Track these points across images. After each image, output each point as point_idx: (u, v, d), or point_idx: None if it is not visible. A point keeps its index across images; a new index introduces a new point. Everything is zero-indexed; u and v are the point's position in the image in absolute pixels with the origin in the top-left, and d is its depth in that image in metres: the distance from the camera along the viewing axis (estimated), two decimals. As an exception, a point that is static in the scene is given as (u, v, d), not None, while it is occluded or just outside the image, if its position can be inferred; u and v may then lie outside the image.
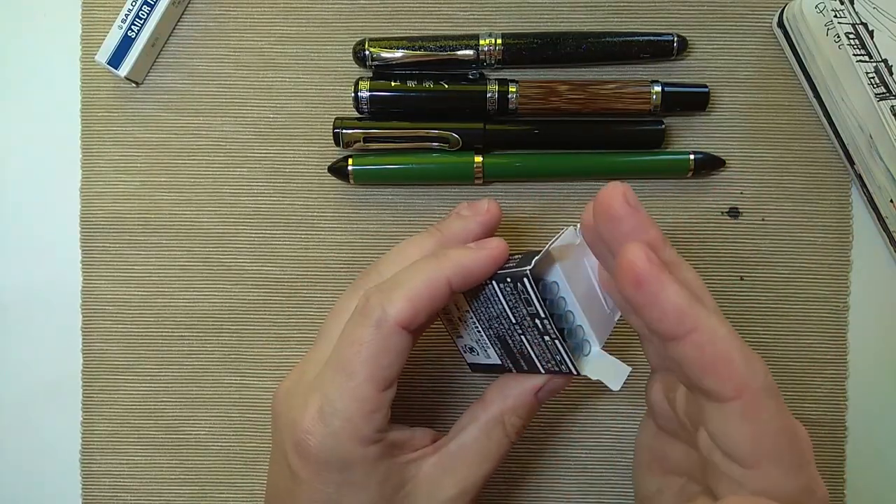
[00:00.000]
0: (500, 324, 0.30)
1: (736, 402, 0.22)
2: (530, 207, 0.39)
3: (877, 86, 0.35)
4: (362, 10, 0.39)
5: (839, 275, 0.38)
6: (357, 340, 0.28)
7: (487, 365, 0.32)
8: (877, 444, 0.38)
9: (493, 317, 0.30)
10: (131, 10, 0.38)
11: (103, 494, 0.39)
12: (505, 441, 0.31)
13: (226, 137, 0.39)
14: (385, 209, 0.39)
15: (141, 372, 0.39)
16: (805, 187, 0.38)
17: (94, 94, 0.40)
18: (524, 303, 0.28)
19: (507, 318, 0.30)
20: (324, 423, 0.28)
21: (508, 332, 0.30)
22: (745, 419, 0.23)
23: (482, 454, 0.31)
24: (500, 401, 0.31)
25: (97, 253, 0.39)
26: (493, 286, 0.29)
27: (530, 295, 0.28)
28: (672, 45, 0.37)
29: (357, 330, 0.29)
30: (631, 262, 0.23)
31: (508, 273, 0.28)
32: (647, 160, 0.38)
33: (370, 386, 0.28)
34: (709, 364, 0.23)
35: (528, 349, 0.30)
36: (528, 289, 0.28)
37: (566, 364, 0.29)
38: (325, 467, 0.28)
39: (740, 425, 0.23)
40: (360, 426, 0.28)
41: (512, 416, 0.31)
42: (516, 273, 0.28)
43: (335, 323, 0.31)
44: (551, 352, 0.29)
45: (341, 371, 0.29)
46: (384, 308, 0.28)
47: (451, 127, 0.37)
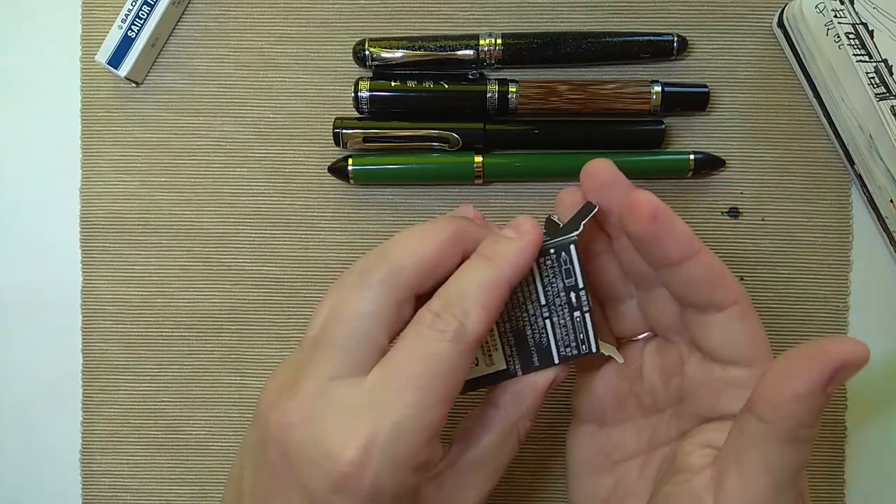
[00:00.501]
0: (523, 311, 0.29)
1: (735, 307, 0.27)
2: (530, 207, 0.39)
3: (877, 86, 0.35)
4: (362, 10, 0.39)
5: (839, 275, 0.38)
6: (433, 356, 0.25)
7: (484, 377, 0.30)
8: (877, 445, 0.38)
9: (518, 304, 0.29)
10: (131, 10, 0.38)
11: (103, 494, 0.39)
12: (516, 447, 0.30)
13: (226, 137, 0.39)
14: (385, 209, 0.39)
15: (141, 372, 0.39)
16: (805, 187, 0.38)
17: (94, 94, 0.40)
18: (563, 275, 0.28)
19: (536, 300, 0.29)
20: (381, 452, 0.24)
21: (531, 320, 0.29)
22: (743, 320, 0.27)
23: (497, 465, 0.29)
24: (514, 405, 0.29)
25: (97, 253, 0.39)
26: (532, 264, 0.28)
27: (573, 264, 0.28)
28: (672, 45, 0.37)
29: (432, 345, 0.25)
30: (647, 199, 0.26)
31: (551, 244, 0.28)
32: (647, 160, 0.38)
33: (441, 408, 0.25)
34: (717, 277, 0.26)
35: (549, 335, 0.29)
36: (572, 258, 0.28)
37: (587, 342, 0.29)
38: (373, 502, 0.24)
39: (741, 326, 0.27)
40: (420, 453, 0.25)
41: (525, 421, 0.29)
42: (562, 242, 0.28)
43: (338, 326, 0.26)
44: (577, 330, 0.29)
45: (411, 390, 0.25)
46: (462, 321, 0.26)
47: (451, 127, 0.37)
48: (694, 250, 0.26)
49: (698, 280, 0.27)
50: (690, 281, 0.27)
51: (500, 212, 0.39)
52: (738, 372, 0.27)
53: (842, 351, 0.25)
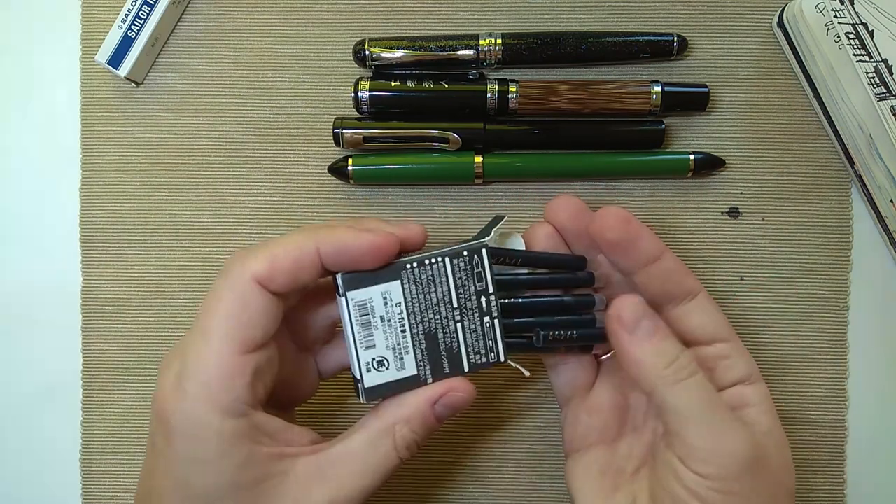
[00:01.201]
0: (436, 313, 0.30)
1: (702, 293, 0.32)
2: (530, 207, 0.39)
3: (877, 86, 0.35)
4: (362, 10, 0.39)
5: (839, 275, 0.38)
6: (214, 297, 0.27)
7: (393, 383, 0.30)
8: (877, 444, 0.38)
9: (431, 305, 0.30)
10: (131, 10, 0.38)
11: (103, 494, 0.39)
12: (392, 455, 0.29)
13: (226, 137, 0.39)
14: (385, 209, 0.39)
15: (141, 372, 0.39)
16: (805, 187, 0.38)
17: (94, 94, 0.40)
18: (475, 278, 0.30)
19: (449, 302, 0.30)
20: (180, 388, 0.27)
21: (443, 323, 0.30)
22: (711, 303, 0.32)
23: (365, 465, 0.29)
24: (394, 409, 0.29)
25: (97, 253, 0.39)
26: (445, 263, 0.30)
27: (484, 268, 0.30)
28: (672, 45, 0.37)
29: (216, 288, 0.28)
30: (616, 210, 0.31)
31: (464, 247, 0.30)
32: (647, 160, 0.38)
33: (227, 346, 0.27)
34: (683, 268, 0.31)
35: (459, 341, 0.30)
36: (483, 262, 0.30)
37: (496, 351, 0.31)
38: (179, 437, 0.26)
39: (712, 307, 0.32)
40: (216, 392, 0.26)
41: (404, 428, 0.29)
42: (474, 246, 0.30)
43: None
44: (486, 337, 0.30)
45: (199, 331, 0.27)
46: (243, 264, 0.27)
47: (451, 127, 0.37)
48: (661, 249, 0.31)
49: (672, 271, 0.31)
50: (667, 273, 0.31)
51: (500, 212, 0.39)
52: (722, 347, 0.31)
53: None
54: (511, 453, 0.39)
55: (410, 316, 0.30)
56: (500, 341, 0.31)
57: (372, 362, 0.30)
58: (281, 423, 0.29)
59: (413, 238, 0.30)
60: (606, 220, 0.30)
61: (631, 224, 0.30)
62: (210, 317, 0.27)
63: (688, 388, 0.28)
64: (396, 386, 0.30)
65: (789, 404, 0.38)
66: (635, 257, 0.31)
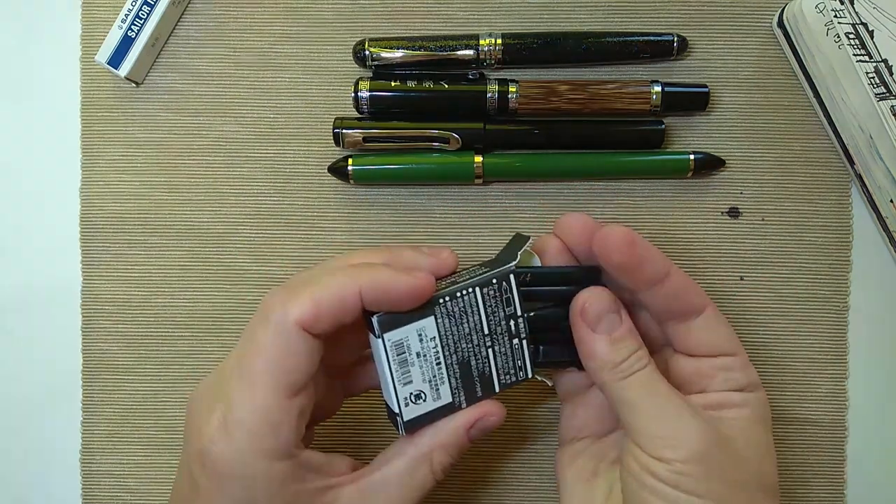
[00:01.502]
0: (469, 342, 0.30)
1: (710, 309, 0.31)
2: (530, 207, 0.39)
3: (877, 86, 0.35)
4: (362, 10, 0.39)
5: (839, 275, 0.38)
6: (257, 343, 0.27)
7: (430, 413, 0.31)
8: (877, 444, 0.38)
9: (464, 335, 0.30)
10: (131, 10, 0.38)
11: (103, 494, 0.39)
12: (430, 479, 0.30)
13: (226, 137, 0.39)
14: (385, 209, 0.39)
15: (141, 372, 0.39)
16: (805, 187, 0.38)
17: (94, 94, 0.40)
18: (504, 304, 0.30)
19: (481, 330, 0.30)
20: (227, 434, 0.27)
21: (475, 350, 0.31)
22: (719, 319, 0.31)
23: (405, 490, 0.30)
24: (431, 436, 0.30)
25: (97, 253, 0.39)
26: (476, 293, 0.30)
27: (513, 293, 0.30)
28: (672, 45, 0.37)
29: (257, 331, 0.28)
30: (621, 230, 0.29)
31: (492, 275, 0.30)
32: (647, 160, 0.38)
33: (274, 394, 0.27)
34: (690, 286, 0.30)
35: (491, 364, 0.31)
36: (511, 286, 0.30)
37: (524, 368, 0.31)
38: (227, 481, 0.27)
39: (719, 323, 0.31)
40: (265, 439, 0.27)
41: (441, 454, 0.30)
42: (502, 272, 0.30)
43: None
44: (514, 357, 0.31)
45: (242, 377, 0.27)
46: (285, 308, 0.27)
47: (451, 127, 0.37)
48: (668, 267, 0.30)
49: (680, 290, 0.30)
50: (674, 293, 0.30)
51: (500, 212, 0.39)
52: (726, 360, 0.31)
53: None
54: (511, 453, 0.39)
55: (445, 348, 0.30)
56: (528, 359, 0.32)
57: (410, 397, 0.30)
58: (323, 456, 0.30)
59: (446, 268, 0.31)
60: (611, 242, 0.29)
61: (636, 247, 0.29)
62: (254, 362, 0.27)
63: (637, 379, 0.29)
64: (433, 415, 0.31)
65: (789, 404, 0.38)
66: (640, 279, 0.30)
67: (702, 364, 0.31)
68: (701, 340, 0.31)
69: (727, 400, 0.30)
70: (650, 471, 0.28)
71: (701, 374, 0.31)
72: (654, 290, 0.30)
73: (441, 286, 0.30)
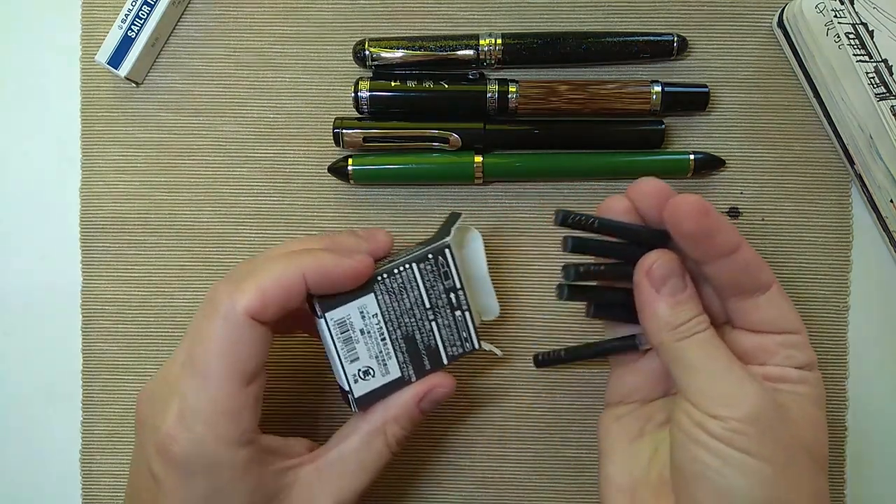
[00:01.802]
0: (411, 316, 0.32)
1: (776, 286, 0.30)
2: (530, 207, 0.39)
3: (877, 86, 0.35)
4: (362, 10, 0.39)
5: (839, 275, 0.38)
6: (207, 336, 0.28)
7: (380, 388, 0.32)
8: (877, 444, 0.38)
9: (405, 310, 0.31)
10: (131, 10, 0.38)
11: (103, 494, 0.39)
12: (385, 451, 0.31)
13: (226, 137, 0.39)
14: (385, 209, 0.39)
15: (141, 372, 0.39)
16: (805, 187, 0.38)
17: (94, 94, 0.40)
18: (442, 277, 0.31)
19: (422, 304, 0.32)
20: (186, 428, 0.27)
21: (419, 324, 0.32)
22: (784, 296, 0.30)
23: (362, 464, 0.31)
24: (383, 411, 0.31)
25: (97, 253, 0.39)
26: (413, 269, 0.31)
27: (450, 267, 0.32)
28: (672, 45, 0.37)
29: (205, 324, 0.28)
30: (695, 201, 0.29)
31: (429, 250, 0.31)
32: (647, 160, 0.38)
33: (228, 383, 0.28)
34: (759, 262, 0.30)
35: (436, 337, 0.32)
36: (448, 261, 0.31)
37: (470, 339, 0.32)
38: (191, 474, 0.28)
39: (784, 301, 0.30)
40: (224, 428, 0.28)
41: (394, 426, 0.31)
42: (438, 247, 0.31)
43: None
44: (459, 329, 0.32)
45: (195, 370, 0.28)
46: (232, 299, 0.28)
47: (451, 127, 0.37)
48: (740, 239, 0.29)
49: (749, 265, 0.29)
50: (742, 267, 0.29)
51: (500, 212, 0.39)
52: (788, 337, 0.30)
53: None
54: (511, 453, 0.39)
55: (388, 324, 0.31)
56: (472, 330, 0.32)
57: (358, 373, 0.32)
58: (280, 440, 0.31)
59: (383, 250, 0.32)
60: (682, 210, 0.29)
61: (709, 217, 0.29)
62: (206, 354, 0.28)
63: (696, 340, 0.29)
64: (384, 390, 0.32)
65: (789, 404, 0.38)
66: (709, 251, 0.29)
67: (764, 340, 0.30)
68: (765, 317, 0.30)
69: (785, 375, 0.30)
70: (703, 427, 0.28)
71: (762, 350, 0.30)
72: (721, 263, 0.29)
73: (379, 265, 0.31)
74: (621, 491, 0.31)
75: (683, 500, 0.29)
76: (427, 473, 0.39)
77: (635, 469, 0.31)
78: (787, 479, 0.27)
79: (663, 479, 0.30)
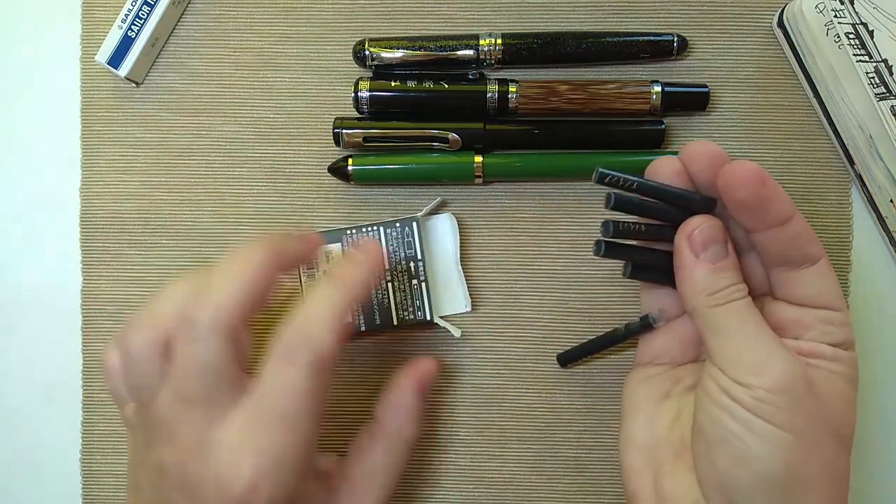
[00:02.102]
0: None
1: (823, 259, 0.30)
2: (530, 207, 0.39)
3: (877, 86, 0.35)
4: (362, 10, 0.39)
5: (839, 275, 0.38)
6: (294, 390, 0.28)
7: None
8: (876, 444, 0.38)
9: None
10: (131, 10, 0.38)
11: (103, 494, 0.39)
12: (407, 454, 0.33)
13: (226, 137, 0.39)
14: (385, 209, 0.39)
15: (141, 372, 0.39)
16: (805, 187, 0.38)
17: (94, 94, 0.40)
18: (405, 246, 0.36)
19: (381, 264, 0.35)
20: (269, 480, 0.27)
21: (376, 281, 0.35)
22: (830, 271, 0.30)
23: (389, 473, 0.32)
24: (392, 417, 0.33)
25: (97, 253, 0.39)
26: (379, 230, 0.36)
27: (414, 237, 0.36)
28: (672, 45, 0.37)
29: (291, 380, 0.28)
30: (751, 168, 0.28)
31: (398, 220, 0.36)
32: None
33: (315, 432, 0.29)
34: (811, 233, 0.29)
35: (390, 298, 0.36)
36: (414, 232, 0.36)
37: (423, 310, 0.36)
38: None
39: (830, 277, 0.30)
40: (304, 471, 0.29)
41: (408, 427, 0.33)
42: (406, 219, 0.36)
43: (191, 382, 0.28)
44: (413, 297, 0.36)
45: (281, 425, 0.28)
46: (312, 349, 0.28)
47: (451, 127, 0.37)
48: (794, 209, 0.29)
49: (801, 236, 0.29)
50: (793, 238, 0.29)
51: (500, 212, 0.39)
52: (829, 314, 0.30)
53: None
54: (511, 453, 0.39)
55: None
56: (427, 302, 0.36)
57: None
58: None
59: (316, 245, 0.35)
60: (738, 177, 0.28)
61: (765, 186, 0.28)
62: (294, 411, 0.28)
63: (732, 307, 0.29)
64: None
65: (789, 404, 0.38)
66: (762, 220, 0.29)
67: (804, 313, 0.30)
68: (809, 290, 0.30)
69: (819, 351, 0.29)
70: (730, 393, 0.27)
71: (800, 323, 0.30)
72: (772, 232, 0.29)
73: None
74: (641, 449, 0.31)
75: (702, 463, 0.29)
76: (427, 473, 0.39)
77: (658, 429, 0.31)
78: (809, 453, 0.27)
79: (684, 442, 0.30)
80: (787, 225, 0.29)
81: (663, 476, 0.30)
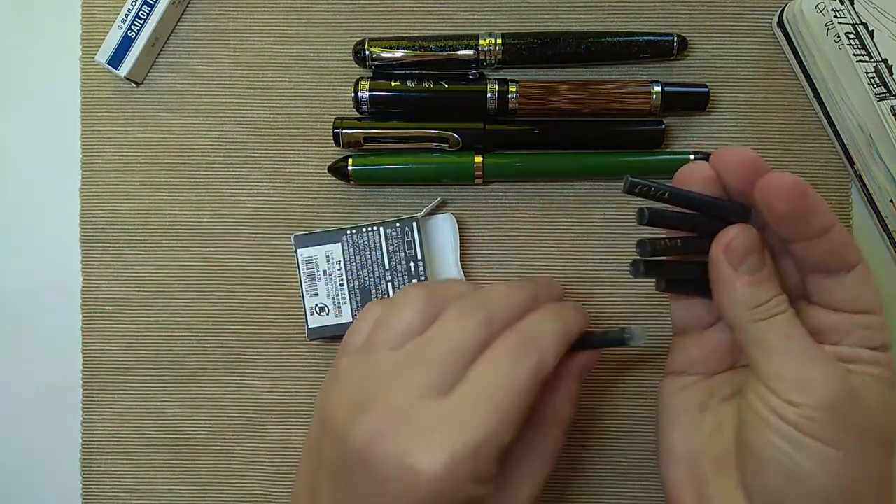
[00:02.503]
0: (370, 272, 0.36)
1: (861, 265, 0.29)
2: (530, 207, 0.39)
3: (877, 86, 0.35)
4: (362, 10, 0.39)
5: (839, 275, 0.38)
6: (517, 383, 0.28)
7: (331, 327, 0.36)
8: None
9: (366, 265, 0.36)
10: (131, 10, 0.38)
11: (103, 494, 0.39)
12: (563, 434, 0.32)
13: (226, 137, 0.39)
14: (385, 209, 0.39)
15: (141, 372, 0.39)
16: (805, 187, 0.38)
17: (94, 94, 0.40)
18: (405, 246, 0.36)
19: (382, 264, 0.36)
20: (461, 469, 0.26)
21: (376, 281, 0.36)
22: (869, 276, 0.29)
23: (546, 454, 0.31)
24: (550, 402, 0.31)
25: (97, 253, 0.39)
26: (380, 231, 0.36)
27: (415, 238, 0.36)
28: (672, 45, 0.37)
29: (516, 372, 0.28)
30: (793, 180, 0.27)
31: (398, 220, 0.37)
32: (647, 160, 0.38)
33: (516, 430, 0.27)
34: (850, 241, 0.29)
35: (390, 296, 0.36)
36: (414, 232, 0.36)
37: None
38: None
39: (867, 281, 0.29)
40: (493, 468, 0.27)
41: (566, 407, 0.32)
42: (406, 219, 0.36)
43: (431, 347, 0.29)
44: None
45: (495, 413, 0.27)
46: (541, 357, 0.28)
47: (451, 127, 0.37)
48: (834, 220, 0.28)
49: (840, 245, 0.28)
50: (833, 247, 0.28)
51: (500, 212, 0.39)
52: (867, 318, 0.29)
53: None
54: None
55: (348, 272, 0.36)
56: None
57: (315, 308, 0.37)
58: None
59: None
60: (779, 189, 0.27)
61: (806, 199, 0.27)
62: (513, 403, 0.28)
63: (776, 322, 0.28)
64: (334, 329, 0.37)
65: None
66: (801, 232, 0.28)
67: (842, 319, 0.29)
68: (847, 296, 0.29)
69: (858, 356, 0.29)
70: (778, 413, 0.27)
71: (838, 328, 0.29)
72: (811, 243, 0.28)
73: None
74: (682, 461, 0.31)
75: (751, 480, 0.28)
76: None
77: (698, 441, 0.31)
78: (858, 464, 0.27)
79: (726, 453, 0.30)
80: (826, 235, 0.28)
81: (709, 490, 0.30)
